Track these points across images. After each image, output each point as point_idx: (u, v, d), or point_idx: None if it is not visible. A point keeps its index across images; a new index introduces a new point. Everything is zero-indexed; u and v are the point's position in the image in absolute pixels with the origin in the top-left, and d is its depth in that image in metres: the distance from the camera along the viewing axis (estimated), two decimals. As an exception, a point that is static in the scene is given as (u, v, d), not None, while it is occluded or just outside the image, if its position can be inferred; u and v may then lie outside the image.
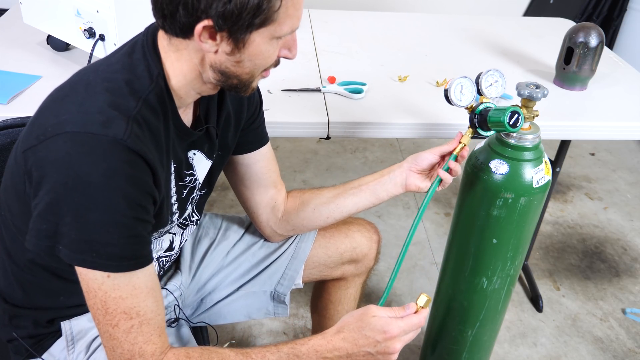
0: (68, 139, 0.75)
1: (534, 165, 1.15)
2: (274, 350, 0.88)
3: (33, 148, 0.78)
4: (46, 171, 0.76)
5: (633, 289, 2.08)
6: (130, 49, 0.85)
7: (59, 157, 0.75)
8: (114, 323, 0.81)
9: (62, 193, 0.75)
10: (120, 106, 0.78)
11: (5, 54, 1.54)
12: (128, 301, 0.81)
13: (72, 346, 0.98)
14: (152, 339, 0.83)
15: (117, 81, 0.81)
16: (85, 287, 0.81)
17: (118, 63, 0.84)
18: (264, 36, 0.80)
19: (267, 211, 1.18)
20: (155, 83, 0.83)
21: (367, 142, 2.90)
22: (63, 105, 0.80)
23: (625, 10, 3.15)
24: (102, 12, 1.31)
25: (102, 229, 0.77)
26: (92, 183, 0.74)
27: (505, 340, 1.84)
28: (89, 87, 0.81)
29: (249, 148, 1.12)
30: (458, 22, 2.05)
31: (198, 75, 0.85)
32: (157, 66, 0.83)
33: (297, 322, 1.85)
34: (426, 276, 2.06)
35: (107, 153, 0.75)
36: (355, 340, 0.88)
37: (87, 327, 1.00)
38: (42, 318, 0.98)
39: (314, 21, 1.95)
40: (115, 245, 0.78)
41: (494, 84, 1.11)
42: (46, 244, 0.78)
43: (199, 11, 0.75)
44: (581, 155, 2.90)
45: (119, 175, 0.76)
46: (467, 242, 1.28)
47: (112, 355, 0.84)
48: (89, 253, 0.77)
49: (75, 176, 0.74)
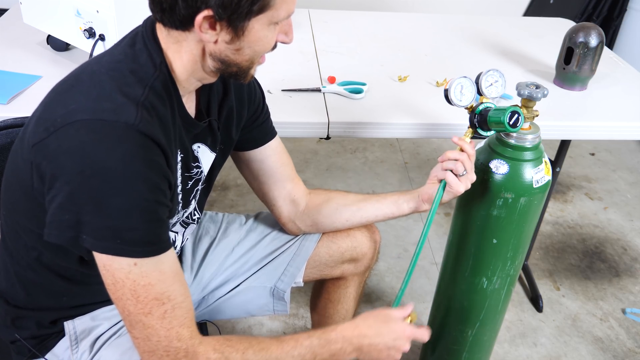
0: (80, 128, 0.75)
1: (534, 165, 1.15)
2: (306, 336, 0.94)
3: (43, 141, 0.77)
4: (60, 162, 0.76)
5: (633, 289, 2.08)
6: (131, 41, 0.86)
7: (72, 146, 0.75)
8: (147, 311, 0.80)
9: (81, 182, 0.75)
10: (128, 93, 0.79)
11: (5, 54, 1.54)
12: (157, 287, 0.80)
13: (76, 346, 0.98)
14: (186, 322, 0.83)
15: (122, 70, 0.82)
16: (111, 279, 0.80)
17: (120, 54, 0.84)
18: (263, 22, 0.81)
19: (286, 204, 1.19)
20: (160, 71, 0.84)
21: (367, 142, 2.90)
22: (70, 96, 0.80)
23: (625, 10, 3.15)
24: (102, 12, 1.31)
25: (125, 214, 0.76)
26: (110, 169, 0.75)
27: (505, 340, 1.84)
28: (94, 76, 0.81)
29: (256, 144, 1.13)
30: (458, 22, 2.05)
31: (199, 64, 0.86)
32: (159, 55, 0.84)
33: (297, 322, 1.85)
34: (426, 276, 2.06)
35: (122, 138, 0.76)
36: (379, 329, 0.98)
37: (91, 326, 1.00)
38: (45, 319, 0.98)
39: (314, 21, 1.95)
40: (139, 230, 0.78)
41: (494, 84, 1.11)
42: (70, 235, 0.77)
43: (199, 2, 0.76)
44: (581, 155, 2.90)
45: (136, 159, 0.76)
46: (467, 242, 1.28)
47: (148, 344, 0.83)
48: (114, 240, 0.77)
49: (92, 163, 0.74)
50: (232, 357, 0.86)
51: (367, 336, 0.97)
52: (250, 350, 0.88)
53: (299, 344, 0.92)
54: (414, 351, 1.75)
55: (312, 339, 0.93)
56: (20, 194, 0.86)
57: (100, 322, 1.00)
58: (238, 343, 0.88)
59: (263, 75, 1.53)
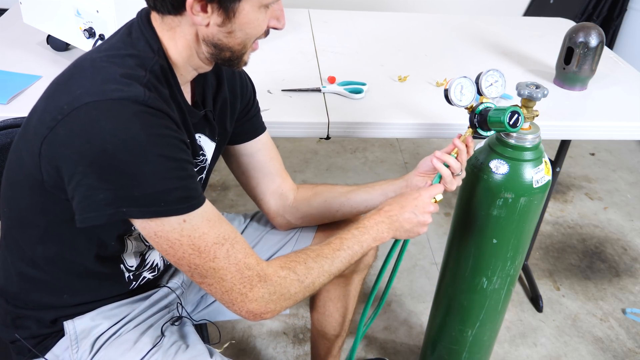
0: (90, 109, 0.77)
1: (534, 165, 1.15)
2: (345, 231, 1.02)
3: (53, 130, 0.78)
4: (77, 146, 0.76)
5: (633, 289, 2.08)
6: (128, 30, 0.88)
7: (86, 128, 0.76)
8: (212, 256, 0.85)
9: (107, 159, 0.76)
10: (132, 76, 0.81)
11: (5, 54, 1.54)
12: (212, 233, 0.84)
13: (76, 345, 0.98)
14: (248, 251, 0.89)
15: (122, 56, 0.84)
16: (167, 243, 0.83)
17: (118, 42, 0.86)
18: (253, 4, 0.83)
19: (275, 198, 1.20)
20: (158, 56, 0.85)
21: (367, 142, 2.90)
22: (73, 83, 0.81)
23: (625, 10, 3.15)
24: (102, 12, 1.31)
25: (160, 178, 0.78)
26: (132, 139, 0.76)
27: (505, 340, 1.84)
28: (95, 63, 0.83)
29: (247, 137, 1.14)
30: (458, 22, 2.05)
31: (193, 50, 0.88)
32: (157, 42, 0.86)
33: (297, 322, 1.85)
34: (426, 276, 2.06)
35: (135, 111, 0.77)
36: (402, 203, 1.05)
37: (91, 326, 1.00)
38: (46, 318, 0.98)
39: (314, 21, 1.95)
40: (178, 189, 0.80)
41: (494, 84, 1.11)
42: (110, 212, 0.78)
43: None
44: (581, 155, 2.90)
45: (153, 127, 0.78)
46: (467, 242, 1.28)
47: (224, 285, 0.87)
48: (158, 204, 0.79)
49: (112, 139, 0.75)
50: (297, 268, 0.93)
51: (392, 212, 1.04)
52: (309, 259, 0.95)
53: (343, 239, 1.00)
54: (414, 351, 1.75)
55: (351, 231, 1.02)
56: (25, 189, 0.86)
57: (100, 321, 1.00)
58: (297, 257, 0.95)
59: (263, 75, 1.54)
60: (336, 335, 1.42)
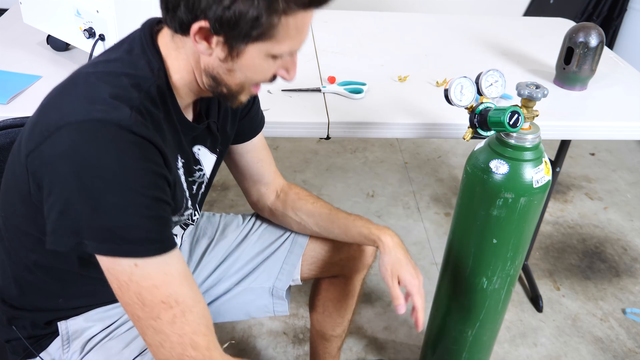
0: (72, 130, 0.74)
1: (534, 165, 1.15)
2: None
3: (38, 147, 0.76)
4: (55, 167, 0.74)
5: (633, 289, 2.08)
6: (129, 46, 0.84)
7: (65, 148, 0.74)
8: (155, 315, 0.77)
9: (76, 183, 0.73)
10: (123, 97, 0.78)
11: (5, 54, 1.54)
12: (163, 289, 0.77)
13: (67, 345, 0.98)
14: (200, 329, 0.79)
15: (117, 75, 0.80)
16: (117, 283, 0.77)
17: (118, 60, 0.83)
18: (260, 51, 0.79)
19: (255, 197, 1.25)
20: (157, 76, 0.82)
21: (367, 142, 2.90)
22: (64, 100, 0.79)
23: (625, 10, 3.15)
24: (102, 12, 1.31)
25: (122, 212, 0.74)
26: (103, 167, 0.73)
27: (505, 340, 1.84)
28: (88, 80, 0.80)
29: (241, 139, 1.14)
30: (458, 22, 2.05)
31: (194, 77, 0.85)
32: (158, 61, 0.83)
33: (297, 322, 1.85)
34: (426, 276, 2.06)
35: (115, 137, 0.74)
36: None
37: (83, 327, 1.00)
38: (41, 319, 0.98)
39: (314, 21, 1.95)
40: (140, 227, 0.75)
41: (494, 84, 1.11)
42: (73, 242, 0.75)
43: (199, 10, 0.74)
44: (581, 155, 2.90)
45: (130, 156, 0.74)
46: (467, 242, 1.28)
47: (162, 352, 0.79)
48: (113, 240, 0.74)
49: (85, 163, 0.72)
50: None
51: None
52: None
53: None
54: (414, 351, 1.75)
55: None
56: (17, 198, 0.85)
57: (93, 323, 1.00)
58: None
59: (263, 75, 1.54)
60: (335, 335, 1.42)
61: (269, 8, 0.74)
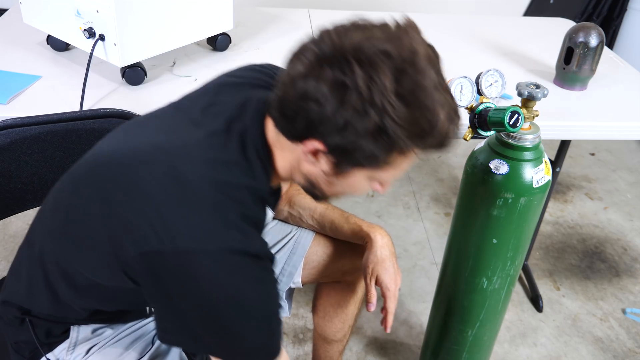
0: (210, 259, 0.73)
1: (534, 165, 1.15)
2: None
3: (160, 254, 0.74)
4: (189, 288, 0.75)
5: (633, 289, 2.08)
6: (240, 140, 0.81)
7: (202, 274, 0.74)
8: None
9: (214, 311, 0.76)
10: (251, 218, 0.79)
11: (5, 54, 1.54)
12: None
13: (72, 348, 0.99)
14: None
15: (240, 188, 0.79)
16: None
17: (236, 165, 0.80)
18: (365, 174, 0.79)
19: None
20: (270, 181, 0.85)
21: (367, 142, 2.89)
22: (191, 214, 0.74)
23: (625, 10, 3.15)
24: (102, 12, 1.31)
25: (259, 336, 0.81)
26: (244, 298, 0.76)
27: (505, 340, 1.84)
28: (216, 196, 0.76)
29: None
30: (458, 22, 2.05)
31: (291, 172, 0.85)
32: (270, 165, 0.84)
33: (297, 322, 1.85)
34: (426, 276, 2.06)
35: (253, 268, 0.76)
36: None
37: (93, 334, 1.00)
38: (58, 329, 0.98)
39: (314, 21, 1.95)
40: (265, 346, 0.83)
41: (494, 84, 1.11)
42: (186, 344, 0.85)
43: (317, 131, 0.73)
44: (581, 155, 2.90)
45: (267, 285, 0.80)
46: (467, 242, 1.28)
47: None
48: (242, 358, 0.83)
49: (229, 297, 0.75)
50: None
51: None
52: None
53: None
54: (413, 351, 1.75)
55: None
56: (88, 247, 0.82)
57: (102, 330, 1.01)
58: None
59: (263, 75, 1.53)
60: (337, 340, 1.42)
61: (390, 148, 0.73)
